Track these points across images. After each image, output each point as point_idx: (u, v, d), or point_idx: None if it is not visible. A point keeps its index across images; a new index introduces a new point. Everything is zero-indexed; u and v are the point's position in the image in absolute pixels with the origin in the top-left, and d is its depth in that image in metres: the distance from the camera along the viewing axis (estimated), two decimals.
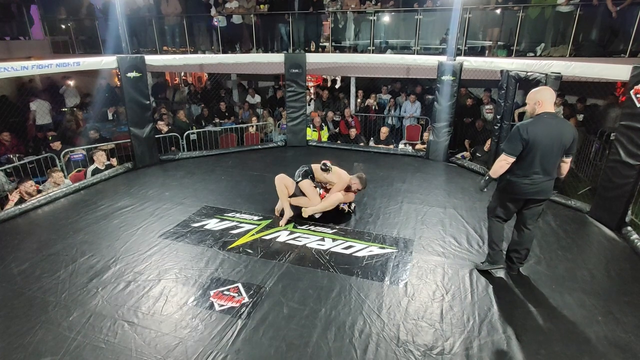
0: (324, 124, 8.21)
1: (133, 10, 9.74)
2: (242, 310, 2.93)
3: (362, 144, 7.60)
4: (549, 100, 2.97)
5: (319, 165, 4.33)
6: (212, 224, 4.27)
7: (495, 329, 2.78)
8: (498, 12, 7.89)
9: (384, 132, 7.52)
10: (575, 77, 4.75)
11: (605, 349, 2.62)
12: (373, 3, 8.70)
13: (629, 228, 4.07)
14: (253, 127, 8.14)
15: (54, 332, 2.74)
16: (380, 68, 7.66)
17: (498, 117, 5.71)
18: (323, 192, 4.38)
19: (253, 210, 4.60)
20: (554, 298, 3.11)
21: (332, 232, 4.13)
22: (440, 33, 8.27)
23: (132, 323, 2.81)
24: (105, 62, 5.65)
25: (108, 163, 5.92)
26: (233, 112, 9.47)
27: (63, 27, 10.86)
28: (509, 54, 7.75)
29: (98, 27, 10.15)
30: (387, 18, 8.64)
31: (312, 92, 10.47)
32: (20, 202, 4.73)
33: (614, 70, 4.24)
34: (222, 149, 7.21)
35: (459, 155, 6.82)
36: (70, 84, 9.79)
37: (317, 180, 4.38)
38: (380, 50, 8.70)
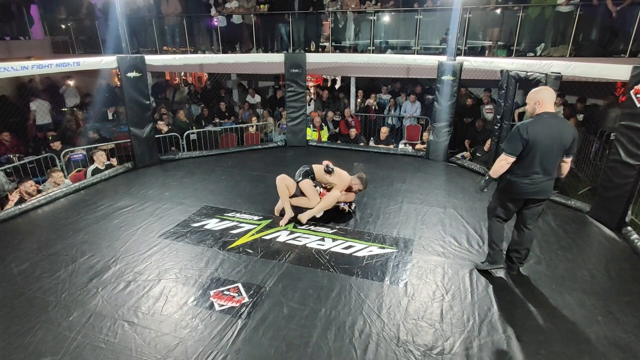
0: (324, 124, 8.20)
1: (133, 10, 9.74)
2: (242, 310, 2.94)
3: (362, 144, 7.60)
4: (549, 100, 2.98)
5: (321, 166, 4.33)
6: (212, 224, 4.27)
7: (495, 329, 2.78)
8: (498, 12, 7.90)
9: (384, 132, 7.52)
10: (575, 77, 4.75)
11: (605, 349, 2.62)
12: (373, 3, 8.69)
13: (629, 228, 4.07)
14: (253, 127, 8.14)
15: (54, 332, 2.74)
16: (380, 68, 7.66)
17: (498, 117, 5.71)
18: (323, 191, 4.38)
19: (253, 210, 4.60)
20: (554, 298, 3.11)
21: (332, 232, 4.14)
22: (440, 33, 8.27)
23: (132, 323, 2.81)
24: (105, 62, 5.65)
25: (108, 163, 5.93)
26: (233, 112, 9.46)
27: (63, 27, 10.86)
28: (509, 54, 7.75)
29: (98, 27, 10.14)
30: (387, 18, 8.64)
31: (312, 92, 10.46)
32: (20, 202, 4.73)
33: (614, 70, 4.24)
34: (222, 149, 7.21)
35: (459, 155, 6.82)
36: (70, 84, 9.78)
37: (317, 180, 4.38)
38: (380, 50, 8.70)
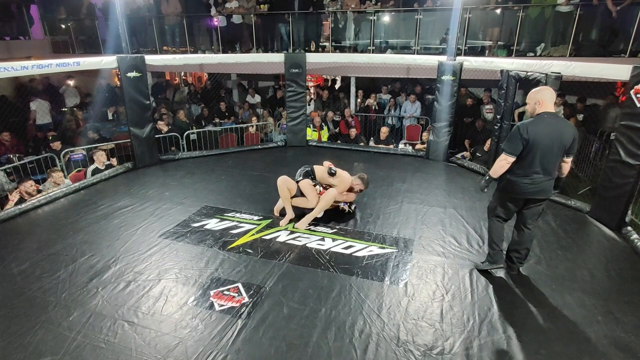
0: (324, 124, 8.20)
1: (133, 10, 9.74)
2: (242, 310, 2.94)
3: (362, 144, 7.60)
4: (549, 100, 2.98)
5: (322, 167, 4.33)
6: (212, 224, 4.27)
7: (495, 329, 2.78)
8: (498, 12, 7.90)
9: (384, 132, 7.52)
10: (575, 77, 4.75)
11: (605, 349, 2.62)
12: (373, 3, 8.69)
13: (629, 228, 4.07)
14: (253, 127, 8.14)
15: (54, 332, 2.74)
16: (380, 68, 7.65)
17: (498, 117, 5.71)
18: (322, 190, 4.37)
19: (253, 210, 4.60)
20: (554, 298, 3.11)
21: (332, 232, 4.13)
22: (440, 33, 8.27)
23: (132, 323, 2.81)
24: (105, 62, 5.65)
25: (108, 163, 5.92)
26: (233, 112, 9.46)
27: (63, 26, 10.86)
28: (509, 54, 7.75)
29: (98, 27, 10.14)
30: (387, 18, 8.64)
31: (312, 92, 10.46)
32: (20, 202, 4.73)
33: (614, 70, 4.24)
34: (222, 149, 7.20)
35: (459, 155, 6.82)
36: (70, 84, 9.78)
37: (318, 180, 4.38)
38: (380, 50, 8.70)
